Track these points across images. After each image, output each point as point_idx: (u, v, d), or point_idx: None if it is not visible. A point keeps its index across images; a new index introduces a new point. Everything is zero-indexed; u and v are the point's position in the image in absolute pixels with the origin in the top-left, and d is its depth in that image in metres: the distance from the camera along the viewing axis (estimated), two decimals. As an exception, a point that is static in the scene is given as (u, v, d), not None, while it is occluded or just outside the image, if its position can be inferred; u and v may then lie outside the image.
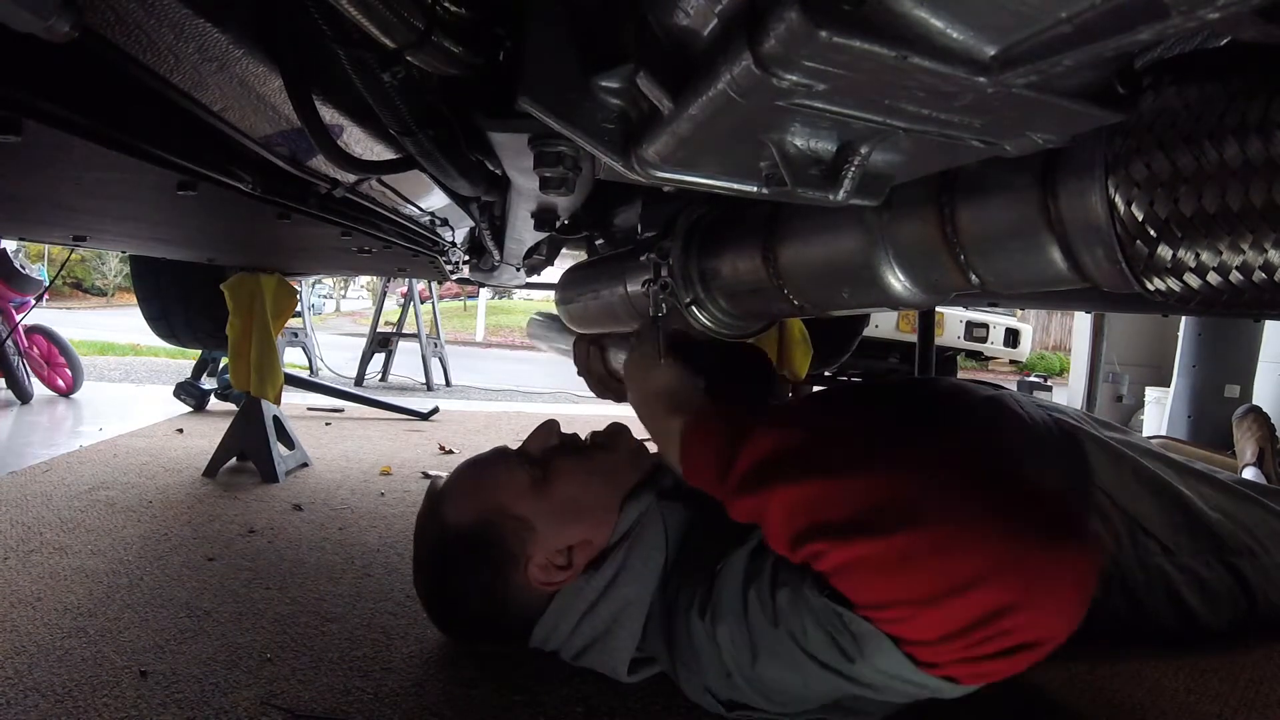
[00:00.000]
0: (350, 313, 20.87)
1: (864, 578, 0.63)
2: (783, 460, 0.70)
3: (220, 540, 1.48)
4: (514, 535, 0.93)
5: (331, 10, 0.47)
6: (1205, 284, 0.40)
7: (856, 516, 0.63)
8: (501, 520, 0.93)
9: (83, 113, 0.69)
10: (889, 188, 0.42)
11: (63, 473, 1.98)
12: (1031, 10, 0.25)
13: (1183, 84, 0.39)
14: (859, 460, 0.68)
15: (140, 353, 6.88)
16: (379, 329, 5.61)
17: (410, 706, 0.89)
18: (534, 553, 0.92)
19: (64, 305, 17.43)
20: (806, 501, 0.66)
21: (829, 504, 0.65)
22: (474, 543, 0.94)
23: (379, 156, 0.89)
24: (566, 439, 1.03)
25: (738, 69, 0.29)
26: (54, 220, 1.32)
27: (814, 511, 0.66)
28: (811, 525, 0.66)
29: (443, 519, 0.97)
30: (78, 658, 0.97)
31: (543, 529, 0.92)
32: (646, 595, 0.89)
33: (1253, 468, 1.76)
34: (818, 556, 0.66)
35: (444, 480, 1.03)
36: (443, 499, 0.99)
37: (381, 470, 2.22)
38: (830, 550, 0.64)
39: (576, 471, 0.97)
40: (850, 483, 0.66)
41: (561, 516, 0.93)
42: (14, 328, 3.31)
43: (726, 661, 0.78)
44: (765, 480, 0.70)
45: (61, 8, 0.42)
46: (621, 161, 0.43)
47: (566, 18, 0.43)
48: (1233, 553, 1.04)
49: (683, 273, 0.87)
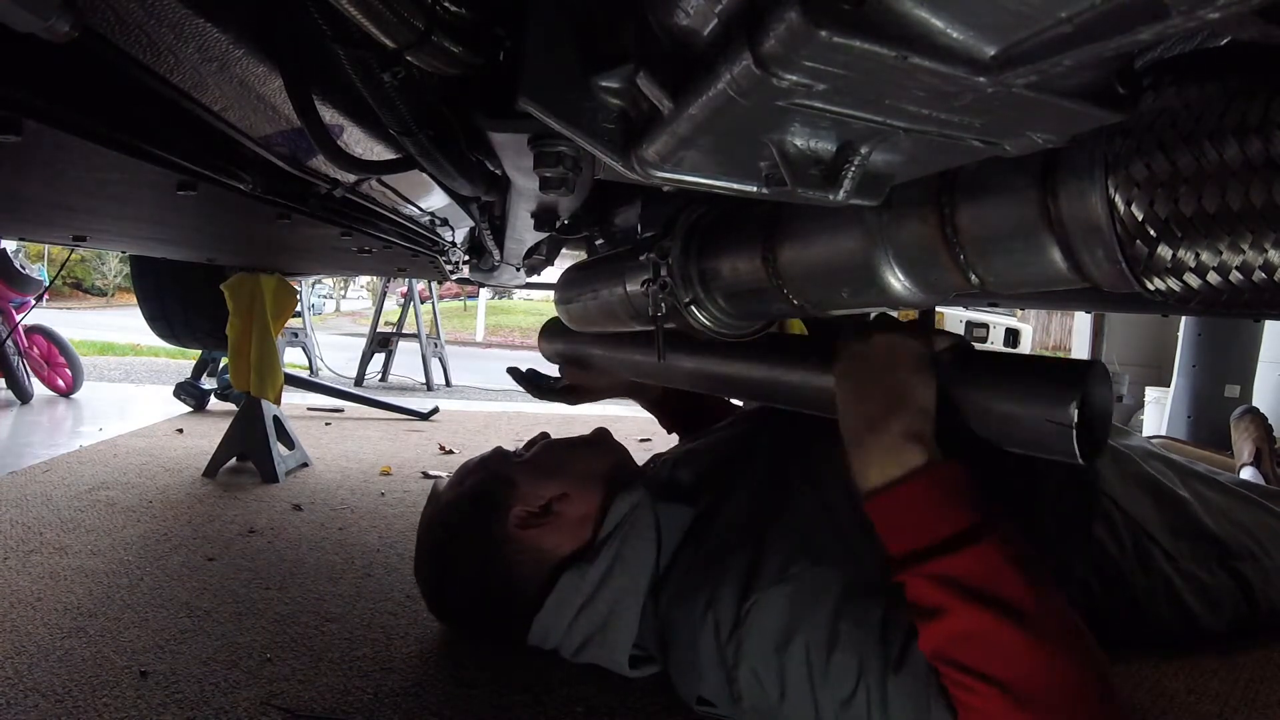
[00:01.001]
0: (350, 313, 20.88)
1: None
2: (994, 586, 0.65)
3: (220, 540, 1.48)
4: (497, 490, 0.99)
5: (331, 10, 0.47)
6: (1205, 284, 0.40)
7: (1032, 690, 0.62)
8: (487, 482, 1.00)
9: (83, 113, 0.69)
10: (889, 188, 0.42)
11: (63, 473, 1.98)
12: (1031, 10, 0.25)
13: (1183, 84, 0.39)
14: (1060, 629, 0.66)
15: (140, 353, 6.88)
16: (379, 329, 5.61)
17: (410, 706, 0.89)
18: (514, 503, 0.97)
19: (64, 305, 17.43)
20: (991, 643, 0.64)
21: (1013, 662, 0.63)
22: (462, 506, 1.00)
23: (379, 156, 0.89)
24: (556, 438, 1.11)
25: (738, 69, 0.29)
26: (54, 220, 1.32)
27: (991, 656, 0.64)
28: (977, 665, 0.64)
29: (439, 500, 1.04)
30: (78, 658, 0.96)
31: (522, 483, 0.99)
32: (642, 586, 0.90)
33: (1250, 468, 1.76)
34: (966, 690, 0.64)
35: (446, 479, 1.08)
36: (441, 488, 1.06)
37: (381, 470, 2.22)
38: (986, 699, 0.63)
39: (556, 445, 1.08)
40: (1044, 653, 0.64)
41: (539, 471, 1.00)
42: (14, 328, 3.31)
43: (744, 693, 0.78)
44: (967, 593, 0.65)
45: (61, 8, 0.42)
46: (621, 161, 0.43)
47: (566, 18, 0.43)
48: (1234, 557, 1.05)
49: (682, 273, 0.87)
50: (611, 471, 1.02)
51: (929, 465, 0.69)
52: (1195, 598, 1.02)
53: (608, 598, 0.91)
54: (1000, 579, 0.65)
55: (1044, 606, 0.65)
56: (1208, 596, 1.03)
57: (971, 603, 0.64)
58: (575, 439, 1.11)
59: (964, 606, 0.64)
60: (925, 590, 0.67)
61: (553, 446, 1.07)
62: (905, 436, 0.70)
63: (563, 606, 0.92)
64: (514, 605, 0.96)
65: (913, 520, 0.69)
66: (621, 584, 0.90)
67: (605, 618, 0.91)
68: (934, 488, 0.69)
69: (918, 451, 0.69)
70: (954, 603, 0.65)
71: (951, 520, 0.67)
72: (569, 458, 1.05)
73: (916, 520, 0.69)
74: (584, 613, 0.91)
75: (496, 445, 1.12)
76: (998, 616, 0.64)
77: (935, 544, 0.67)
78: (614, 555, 0.92)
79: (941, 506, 0.68)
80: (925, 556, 0.67)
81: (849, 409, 0.75)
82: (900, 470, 0.69)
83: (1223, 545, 1.05)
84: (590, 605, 0.91)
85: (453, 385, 5.55)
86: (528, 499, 0.98)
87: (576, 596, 0.92)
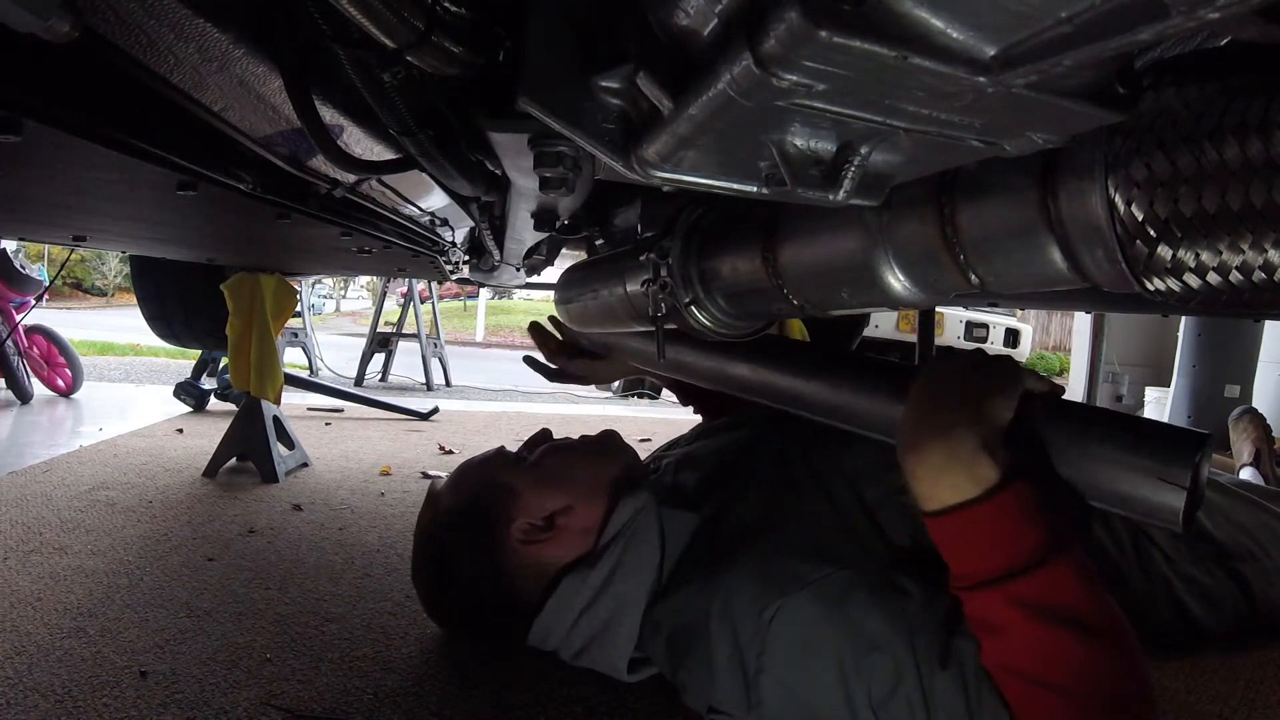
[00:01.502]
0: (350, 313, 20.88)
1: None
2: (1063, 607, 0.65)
3: (220, 540, 1.48)
4: (499, 500, 0.96)
5: (331, 10, 0.47)
6: (1205, 284, 0.40)
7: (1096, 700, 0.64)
8: (488, 490, 0.98)
9: (83, 113, 0.69)
10: (889, 188, 0.42)
11: (63, 473, 1.98)
12: (1031, 10, 0.25)
13: (1183, 84, 0.39)
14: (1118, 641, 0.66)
15: (140, 353, 6.88)
16: (379, 329, 5.61)
17: (410, 706, 0.89)
18: (516, 515, 0.95)
19: (64, 305, 17.44)
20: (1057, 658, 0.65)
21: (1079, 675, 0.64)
22: (463, 514, 0.98)
23: (379, 156, 0.89)
24: (559, 439, 1.07)
25: (738, 69, 0.29)
26: (54, 220, 1.32)
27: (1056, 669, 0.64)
28: (1043, 677, 0.65)
29: (437, 504, 1.02)
30: (78, 658, 0.96)
31: (525, 493, 0.96)
32: (644, 592, 0.89)
33: (1250, 468, 1.76)
34: (1028, 696, 0.65)
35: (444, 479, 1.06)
36: (438, 490, 1.04)
37: (381, 470, 2.22)
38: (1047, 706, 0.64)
39: (561, 451, 1.03)
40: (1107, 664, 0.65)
41: (543, 482, 0.97)
42: (14, 328, 3.31)
43: (765, 699, 0.77)
44: (1036, 612, 0.65)
45: (61, 8, 0.42)
46: (621, 162, 0.43)
47: (566, 18, 0.43)
48: (1234, 558, 1.04)
49: (682, 273, 0.87)
50: (618, 478, 1.00)
51: (1004, 484, 0.67)
52: (1195, 599, 1.02)
53: (608, 604, 0.90)
54: (1068, 598, 0.66)
55: (1105, 619, 0.66)
56: (1207, 598, 1.03)
57: (1040, 621, 0.65)
58: (580, 443, 1.07)
59: (1032, 626, 0.65)
60: (994, 609, 0.67)
61: (557, 451, 1.03)
62: (979, 448, 0.68)
63: (563, 610, 0.92)
64: (514, 610, 0.96)
65: (987, 541, 0.67)
66: (623, 590, 0.90)
67: (605, 623, 0.90)
68: (1009, 508, 0.67)
69: (991, 467, 0.67)
70: (1022, 623, 0.65)
71: (1024, 544, 0.66)
72: (574, 465, 1.01)
73: (991, 541, 0.67)
74: (584, 617, 0.91)
75: (499, 445, 1.09)
76: (1064, 632, 0.65)
77: (1009, 570, 0.66)
78: (616, 561, 0.91)
79: (1016, 529, 0.67)
80: (999, 580, 0.66)
81: (916, 416, 0.73)
82: (975, 488, 0.67)
83: (1222, 546, 1.05)
84: (590, 610, 0.91)
85: (453, 385, 5.55)
86: (530, 510, 0.95)
87: (577, 600, 0.91)
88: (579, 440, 1.08)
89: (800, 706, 0.75)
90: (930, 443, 0.69)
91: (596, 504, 0.96)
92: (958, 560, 0.70)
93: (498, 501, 0.97)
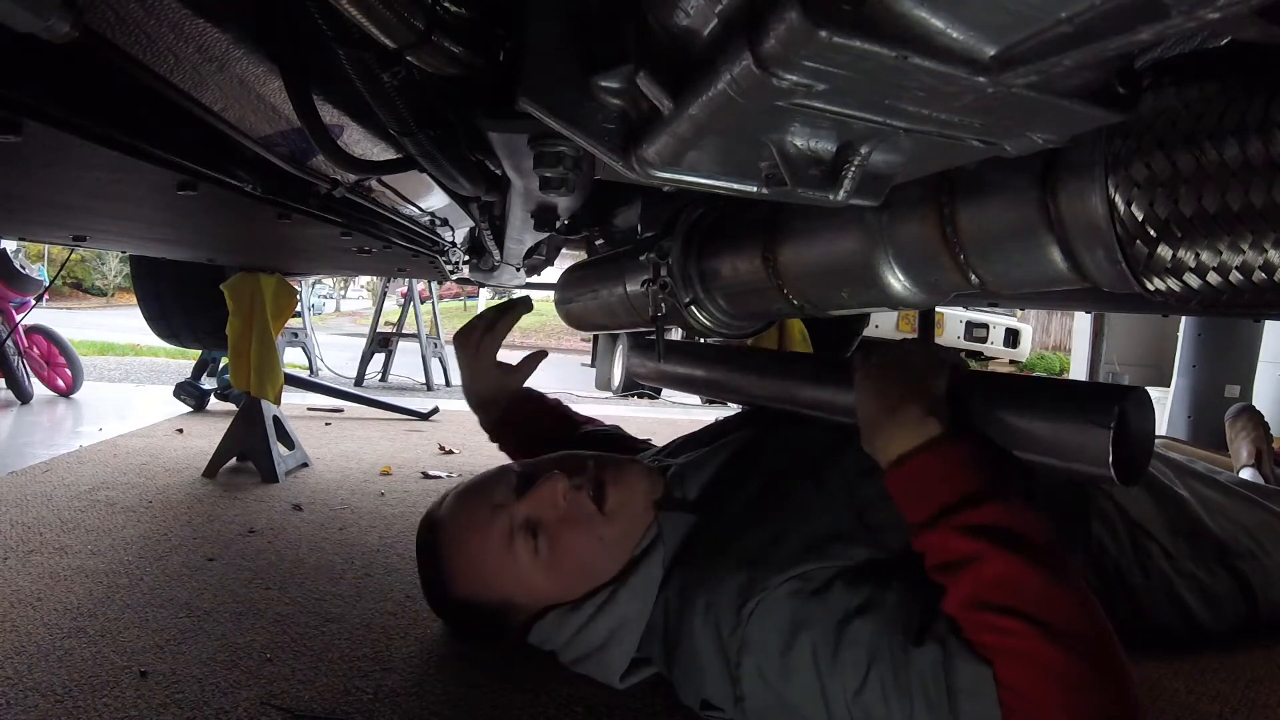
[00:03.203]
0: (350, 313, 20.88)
1: (1034, 674, 0.64)
2: (1020, 536, 0.68)
3: (220, 540, 1.48)
4: (521, 612, 0.94)
5: (331, 10, 0.47)
6: (1205, 284, 0.40)
7: (1066, 628, 0.64)
8: (510, 609, 0.94)
9: (83, 113, 0.69)
10: (889, 188, 0.42)
11: (63, 473, 1.98)
12: (1031, 10, 0.25)
13: (1183, 84, 0.39)
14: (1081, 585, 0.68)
15: (140, 353, 6.88)
16: (379, 329, 5.61)
17: (410, 706, 0.89)
18: (520, 616, 0.94)
19: (64, 305, 17.44)
20: (1025, 585, 0.66)
21: (1046, 603, 0.65)
22: (481, 611, 0.95)
23: (379, 156, 0.89)
24: (574, 500, 0.92)
25: (738, 69, 0.29)
26: (54, 220, 1.32)
27: (1025, 597, 0.65)
28: (1014, 605, 0.65)
29: (446, 580, 0.96)
30: (78, 658, 0.96)
31: (550, 596, 0.93)
32: (645, 613, 0.88)
33: (1250, 469, 1.75)
34: (1000, 632, 0.65)
35: (442, 514, 0.98)
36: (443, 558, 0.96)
37: (381, 470, 2.22)
38: (1022, 637, 0.64)
39: (584, 546, 0.91)
40: (1073, 598, 0.66)
41: (567, 586, 0.92)
42: (14, 328, 3.31)
43: (747, 692, 0.77)
44: (997, 539, 0.68)
45: (61, 8, 0.42)
46: (621, 162, 0.43)
47: (566, 18, 0.43)
48: (1235, 556, 1.05)
49: (682, 272, 0.87)
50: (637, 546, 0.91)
51: (948, 433, 0.74)
52: (1194, 596, 1.02)
53: (608, 623, 0.90)
54: (1028, 529, 0.69)
55: (1064, 560, 0.68)
56: (1207, 595, 1.03)
57: (1004, 548, 0.67)
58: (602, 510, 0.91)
59: (997, 552, 0.67)
60: (955, 543, 0.70)
61: (576, 550, 0.90)
62: (924, 413, 0.75)
63: (560, 627, 0.92)
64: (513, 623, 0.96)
65: (938, 479, 0.73)
66: (624, 613, 0.89)
67: (604, 640, 0.90)
68: (956, 451, 0.73)
69: (936, 424, 0.74)
70: (987, 549, 0.68)
71: (976, 478, 0.71)
72: (596, 563, 0.91)
73: (942, 478, 0.73)
74: (581, 634, 0.91)
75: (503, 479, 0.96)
76: (1030, 562, 0.66)
77: (964, 497, 0.70)
78: (617, 585, 0.90)
79: (965, 466, 0.72)
80: (955, 510, 0.70)
81: (870, 402, 0.80)
82: (921, 439, 0.74)
83: (1222, 544, 1.05)
84: (588, 628, 0.90)
85: (452, 385, 5.55)
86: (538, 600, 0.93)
87: (576, 618, 0.91)
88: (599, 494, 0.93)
89: (778, 699, 0.76)
90: (885, 416, 0.77)
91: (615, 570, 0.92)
92: (914, 507, 0.74)
93: (520, 614, 0.94)
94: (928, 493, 0.73)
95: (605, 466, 0.96)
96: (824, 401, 0.97)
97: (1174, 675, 0.99)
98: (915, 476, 0.74)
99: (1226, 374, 3.01)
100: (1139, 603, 1.00)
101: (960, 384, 0.79)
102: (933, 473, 0.73)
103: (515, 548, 0.90)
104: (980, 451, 0.74)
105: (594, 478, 0.94)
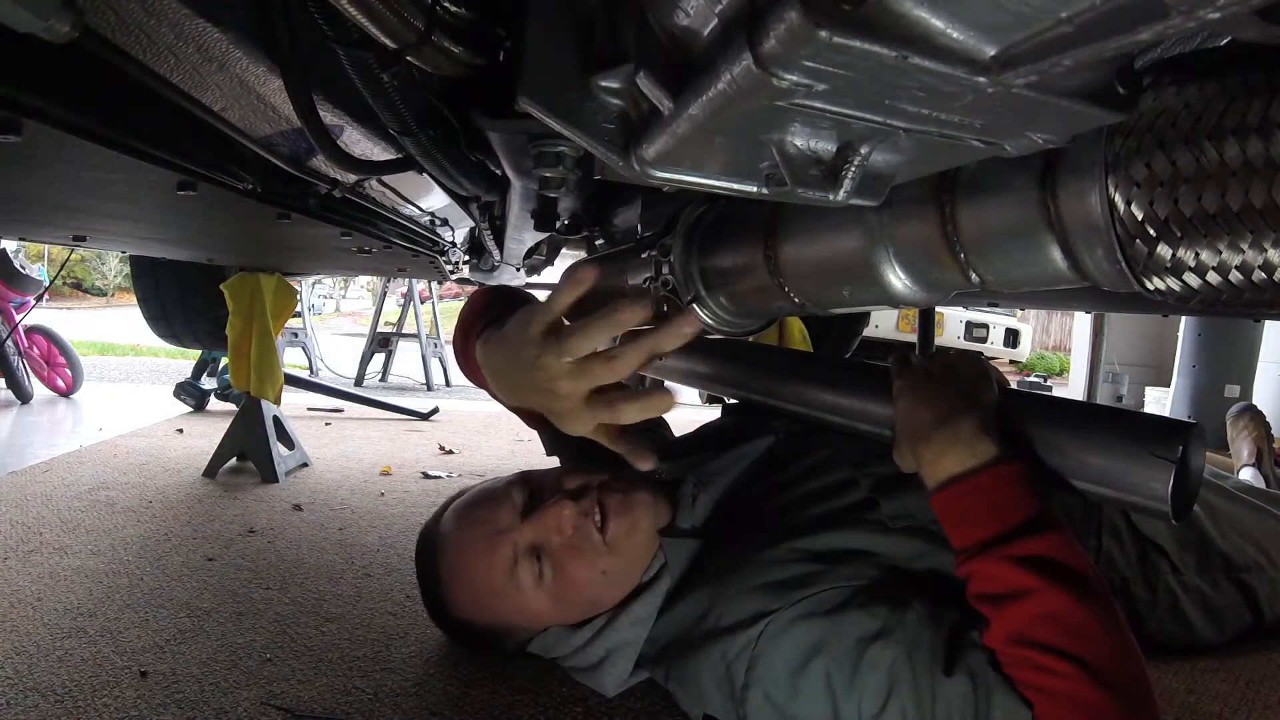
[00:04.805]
0: (350, 313, 20.87)
1: (1075, 717, 0.63)
2: (1071, 571, 0.67)
3: (220, 540, 1.48)
4: (522, 633, 0.95)
5: (331, 10, 0.47)
6: (1205, 284, 0.40)
7: (1110, 672, 0.63)
8: (511, 630, 0.94)
9: (83, 113, 0.69)
10: (889, 188, 0.42)
11: (63, 473, 1.98)
12: (1031, 10, 0.25)
13: (1183, 84, 0.39)
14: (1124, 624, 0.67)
15: (140, 353, 6.88)
16: (379, 329, 5.61)
17: (410, 706, 0.89)
18: (522, 639, 0.95)
19: (64, 305, 17.42)
20: (1074, 624, 0.65)
21: (1093, 644, 0.64)
22: (482, 631, 0.95)
23: (379, 156, 0.89)
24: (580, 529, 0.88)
25: (738, 69, 0.29)
26: (54, 220, 1.32)
27: (1073, 637, 0.64)
28: (1061, 645, 0.64)
29: (446, 601, 0.95)
30: (78, 658, 0.96)
31: (551, 620, 0.92)
32: (643, 636, 0.88)
33: (1250, 468, 1.75)
34: (1044, 671, 0.64)
35: (443, 533, 0.96)
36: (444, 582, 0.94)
37: (381, 470, 2.22)
38: (1067, 679, 0.63)
39: (588, 578, 0.88)
40: (1119, 640, 0.65)
41: (569, 613, 0.92)
42: (14, 328, 3.31)
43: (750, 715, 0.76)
44: (1048, 573, 0.66)
45: (61, 8, 0.42)
46: (621, 161, 0.43)
47: (566, 18, 0.43)
48: (1242, 569, 1.03)
49: (683, 271, 0.87)
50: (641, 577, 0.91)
51: (1004, 456, 0.71)
52: (1198, 612, 1.01)
53: (607, 643, 0.89)
54: (1078, 562, 0.67)
55: (1109, 596, 0.67)
56: (1211, 610, 1.02)
57: (1055, 583, 0.65)
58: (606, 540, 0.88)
59: (1048, 587, 0.65)
60: (1006, 574, 0.68)
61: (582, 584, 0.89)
62: (978, 430, 0.71)
63: (559, 643, 0.93)
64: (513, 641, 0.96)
65: (991, 505, 0.70)
66: (624, 636, 0.89)
67: (601, 658, 0.90)
68: (1011, 475, 0.70)
69: (990, 444, 0.71)
70: (1038, 584, 0.66)
71: (1030, 505, 0.69)
72: (601, 594, 0.90)
73: (996, 504, 0.69)
74: (579, 653, 0.91)
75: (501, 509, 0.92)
76: (1080, 600, 0.65)
77: (1018, 526, 0.68)
78: (617, 608, 0.90)
79: (1020, 493, 0.70)
80: (1009, 539, 0.68)
81: (917, 411, 0.76)
82: (976, 460, 0.71)
83: (1229, 558, 1.04)
84: (588, 648, 0.90)
85: (452, 385, 5.55)
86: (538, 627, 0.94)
87: (575, 639, 0.91)
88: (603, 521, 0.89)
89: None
90: (934, 430, 0.73)
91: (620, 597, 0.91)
92: (962, 531, 0.71)
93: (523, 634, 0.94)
94: (980, 518, 0.70)
95: (611, 493, 0.92)
96: (844, 407, 0.93)
97: (1174, 675, 0.99)
98: (967, 499, 0.70)
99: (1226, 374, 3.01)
100: (1141, 617, 0.99)
101: (1006, 399, 0.76)
102: (986, 498, 0.70)
103: (519, 575, 0.88)
104: (1032, 476, 0.71)
105: (599, 502, 0.90)
